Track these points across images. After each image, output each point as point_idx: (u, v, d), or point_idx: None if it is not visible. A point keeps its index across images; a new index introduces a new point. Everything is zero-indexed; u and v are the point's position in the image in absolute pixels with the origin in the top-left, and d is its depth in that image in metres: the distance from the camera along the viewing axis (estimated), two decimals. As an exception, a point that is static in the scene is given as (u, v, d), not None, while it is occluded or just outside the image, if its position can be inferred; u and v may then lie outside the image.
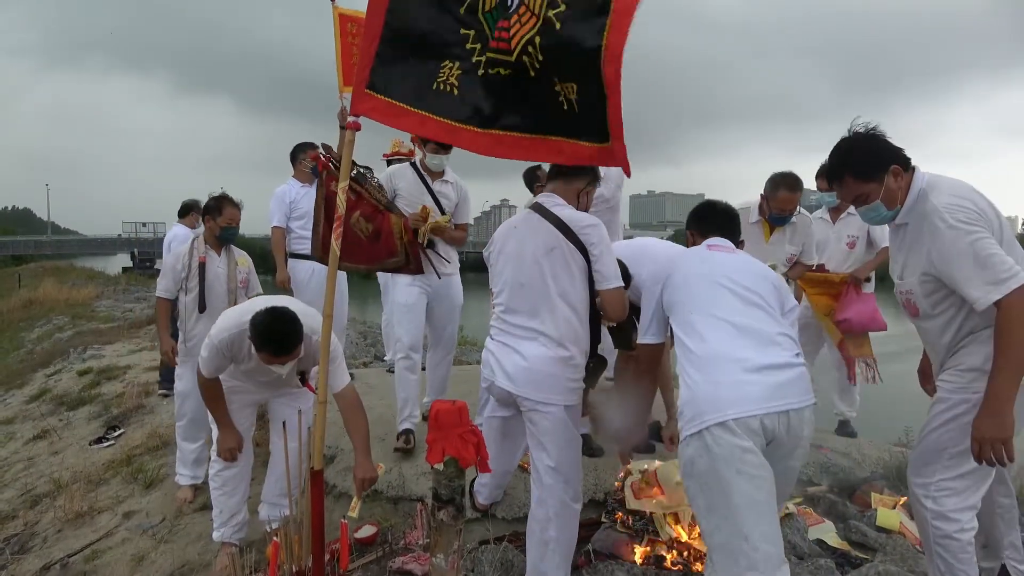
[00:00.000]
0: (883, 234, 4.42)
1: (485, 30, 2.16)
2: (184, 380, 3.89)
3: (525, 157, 2.28)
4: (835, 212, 4.60)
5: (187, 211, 6.43)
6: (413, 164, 3.92)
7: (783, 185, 3.68)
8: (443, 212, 3.83)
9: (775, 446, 2.02)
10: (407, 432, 3.81)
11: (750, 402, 1.97)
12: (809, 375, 2.16)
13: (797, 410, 2.03)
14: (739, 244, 2.55)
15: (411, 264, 3.44)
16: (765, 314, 2.18)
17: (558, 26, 2.01)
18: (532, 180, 4.24)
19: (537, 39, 2.04)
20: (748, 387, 1.99)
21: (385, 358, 5.90)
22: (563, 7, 1.99)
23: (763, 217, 3.83)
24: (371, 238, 3.23)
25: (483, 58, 2.15)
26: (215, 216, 3.83)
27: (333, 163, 3.09)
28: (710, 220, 2.62)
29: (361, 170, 3.22)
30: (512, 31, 2.07)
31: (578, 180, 2.64)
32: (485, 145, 2.20)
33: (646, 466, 3.13)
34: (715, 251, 2.43)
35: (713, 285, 2.25)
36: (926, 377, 2.61)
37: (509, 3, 2.08)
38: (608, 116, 2.01)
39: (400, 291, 3.88)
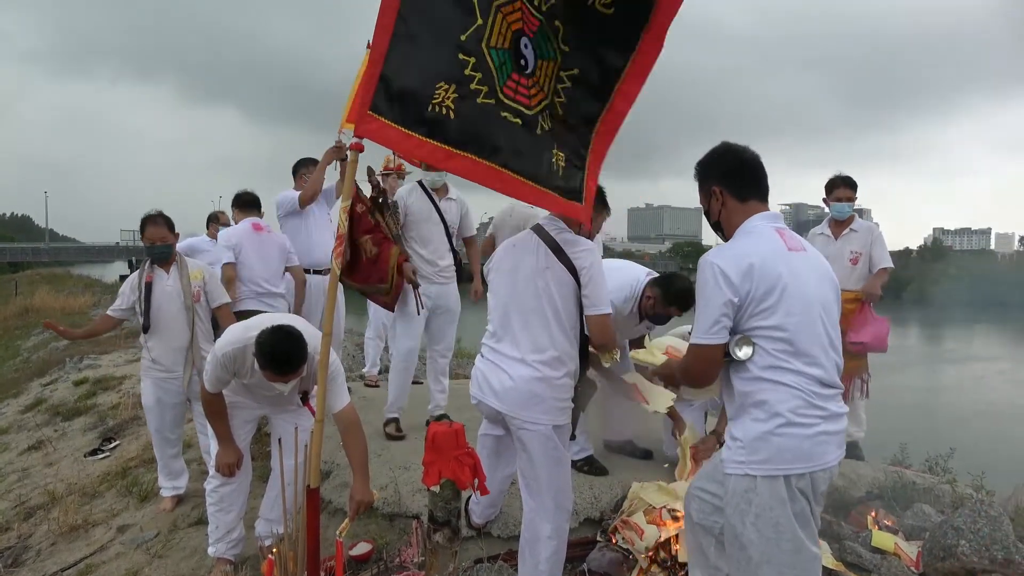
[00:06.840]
0: (883, 253, 4.42)
1: (488, 63, 2.23)
2: (146, 395, 3.90)
3: (519, 197, 2.48)
4: (838, 228, 4.52)
5: (208, 223, 6.41)
6: (421, 183, 4.15)
7: None
8: (446, 228, 4.14)
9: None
10: (396, 420, 4.16)
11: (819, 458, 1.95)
12: None
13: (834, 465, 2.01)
14: None
15: (390, 297, 3.87)
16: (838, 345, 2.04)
17: (560, 112, 2.41)
18: None
19: (547, 112, 2.37)
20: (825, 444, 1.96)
21: (364, 371, 5.88)
22: (568, 84, 2.37)
23: None
24: (371, 260, 3.38)
25: (484, 88, 2.21)
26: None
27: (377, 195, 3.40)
28: (746, 177, 2.13)
29: (389, 202, 3.78)
30: (531, 92, 2.33)
31: None
32: (482, 175, 2.25)
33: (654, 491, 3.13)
34: (794, 254, 2.02)
35: (810, 312, 1.97)
36: None
37: (524, 63, 2.29)
38: (585, 182, 2.44)
39: (409, 303, 4.05)
